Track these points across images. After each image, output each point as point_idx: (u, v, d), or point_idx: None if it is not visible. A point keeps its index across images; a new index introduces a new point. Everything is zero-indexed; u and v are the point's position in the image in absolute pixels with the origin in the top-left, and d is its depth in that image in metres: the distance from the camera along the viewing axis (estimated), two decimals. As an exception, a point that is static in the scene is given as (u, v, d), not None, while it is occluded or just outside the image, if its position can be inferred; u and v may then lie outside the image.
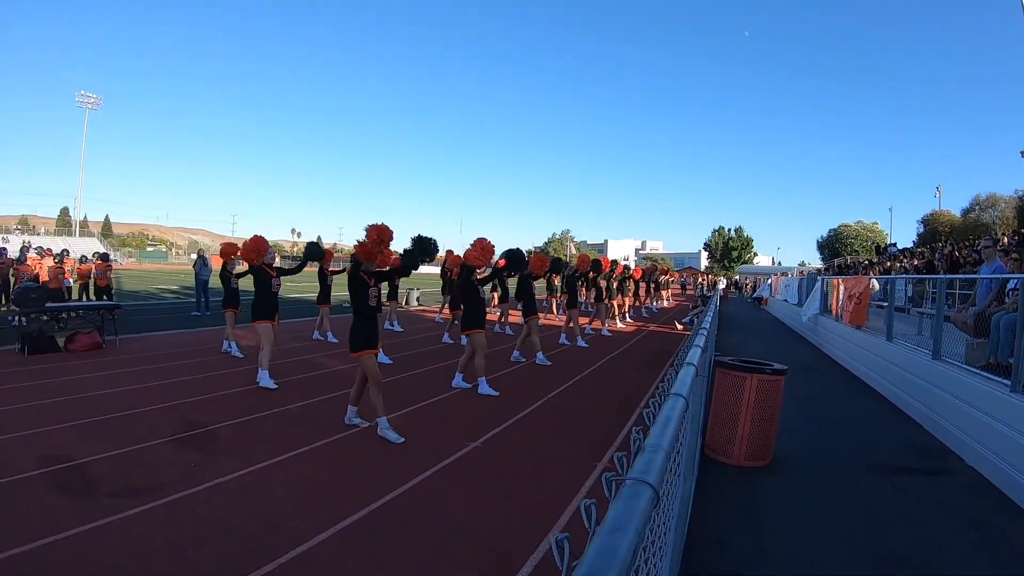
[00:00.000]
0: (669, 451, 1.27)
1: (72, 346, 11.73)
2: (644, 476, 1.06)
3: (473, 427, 7.29)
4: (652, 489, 1.02)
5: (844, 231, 68.52)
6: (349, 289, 6.86)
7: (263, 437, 6.58)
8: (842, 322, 14.58)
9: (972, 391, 6.80)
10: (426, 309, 23.98)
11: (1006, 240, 17.76)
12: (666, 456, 1.21)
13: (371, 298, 6.87)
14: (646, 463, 1.13)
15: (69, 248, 23.96)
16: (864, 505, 5.37)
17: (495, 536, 4.46)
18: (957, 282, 11.03)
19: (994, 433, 6.09)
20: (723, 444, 6.22)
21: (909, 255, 23.75)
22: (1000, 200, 39.28)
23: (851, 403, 9.92)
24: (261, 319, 9.20)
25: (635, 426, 5.79)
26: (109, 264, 19.83)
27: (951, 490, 5.89)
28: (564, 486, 5.49)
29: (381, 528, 4.50)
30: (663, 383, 2.27)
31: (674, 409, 1.59)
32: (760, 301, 39.02)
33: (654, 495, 1.02)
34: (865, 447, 7.29)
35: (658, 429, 1.40)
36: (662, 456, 1.19)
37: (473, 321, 9.34)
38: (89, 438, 6.30)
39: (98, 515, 4.45)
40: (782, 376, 6.30)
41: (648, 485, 1.03)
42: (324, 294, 14.11)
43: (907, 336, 10.49)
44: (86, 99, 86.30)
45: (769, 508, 5.23)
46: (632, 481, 1.04)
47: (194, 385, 8.93)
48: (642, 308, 27.63)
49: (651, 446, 1.24)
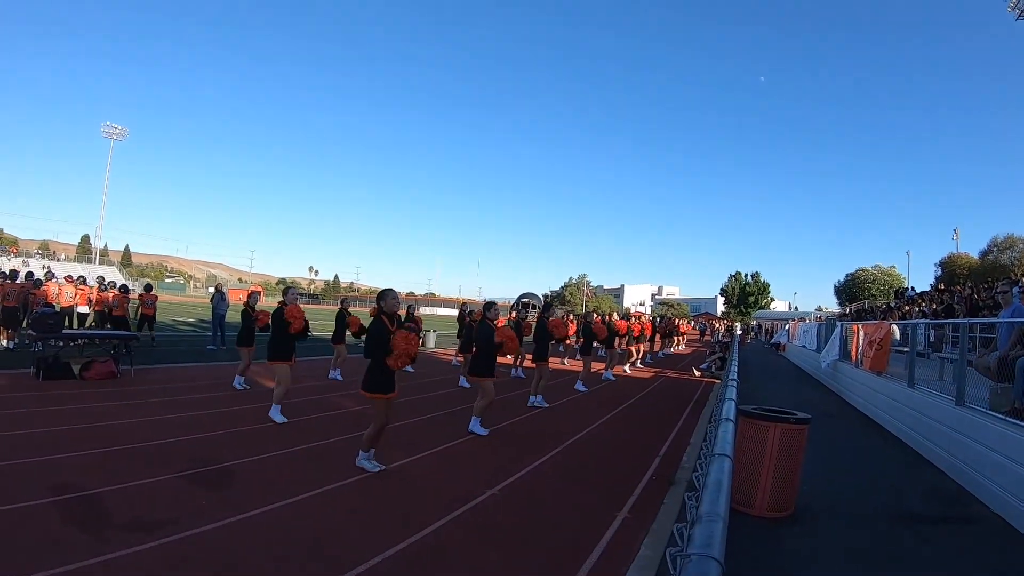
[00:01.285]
0: (726, 519, 1.24)
1: (87, 374, 11.72)
2: (708, 551, 1.04)
3: (491, 473, 7.20)
4: (719, 564, 1.00)
5: (861, 275, 68.11)
6: (368, 330, 6.86)
7: (277, 476, 6.53)
8: (862, 368, 14.42)
9: (997, 437, 6.66)
10: (441, 351, 23.95)
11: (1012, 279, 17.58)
12: (724, 525, 1.19)
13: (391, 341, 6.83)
14: (707, 535, 1.11)
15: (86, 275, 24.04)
16: (889, 556, 5.24)
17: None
18: (978, 326, 10.93)
19: (1020, 479, 5.97)
20: (745, 494, 6.09)
21: (928, 299, 23.57)
22: (1018, 241, 38.99)
23: (873, 450, 9.77)
24: (278, 359, 9.20)
25: (654, 476, 5.75)
26: (127, 296, 19.87)
27: (977, 539, 5.77)
28: (583, 538, 5.40)
29: (396, 575, 4.43)
30: (705, 442, 2.24)
31: (723, 471, 1.57)
32: (778, 347, 38.72)
33: (720, 570, 1.00)
34: (888, 496, 7.16)
35: (711, 495, 1.37)
36: (721, 526, 1.17)
37: (481, 368, 9.36)
38: (101, 469, 6.28)
39: (107, 549, 4.40)
40: (806, 425, 6.19)
41: (715, 561, 1.00)
42: (340, 333, 14.23)
43: (929, 382, 10.36)
44: (112, 130, 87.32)
45: (793, 561, 5.11)
46: (697, 557, 1.01)
47: (208, 420, 8.90)
48: (659, 352, 27.79)
49: (708, 515, 1.22)
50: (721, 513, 1.20)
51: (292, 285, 14.82)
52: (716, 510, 1.21)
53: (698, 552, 1.00)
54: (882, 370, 12.93)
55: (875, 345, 13.28)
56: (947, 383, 9.56)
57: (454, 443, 8.67)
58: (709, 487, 1.40)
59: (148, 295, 19.87)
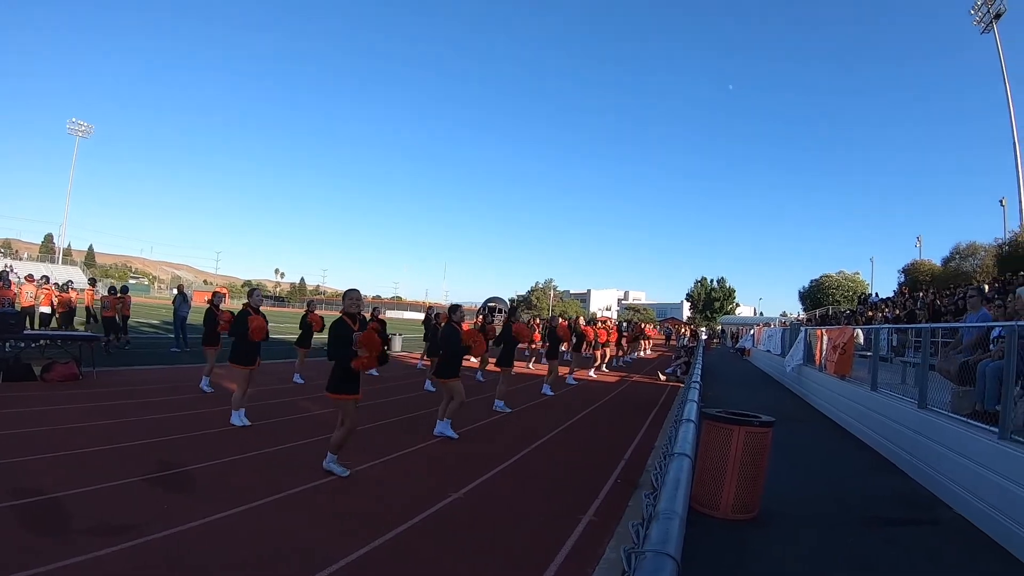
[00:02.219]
0: (684, 516, 1.21)
1: (48, 376, 11.46)
2: (663, 548, 1.01)
3: (455, 477, 7.15)
4: (673, 562, 0.97)
5: (826, 281, 68.80)
6: (330, 332, 6.75)
7: (239, 480, 6.41)
8: (826, 372, 14.59)
9: (959, 439, 6.77)
10: (407, 355, 23.88)
11: (987, 288, 17.92)
12: (681, 523, 1.16)
13: (355, 342, 6.73)
14: (663, 532, 1.08)
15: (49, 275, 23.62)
16: (854, 558, 5.27)
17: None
18: (940, 331, 11.08)
19: (982, 481, 6.05)
20: (709, 497, 6.11)
21: (891, 304, 23.91)
22: (980, 248, 39.57)
23: (837, 453, 9.87)
24: (240, 364, 9.08)
25: (619, 478, 5.75)
26: (120, 298, 19.43)
27: (941, 540, 5.83)
28: (548, 540, 5.38)
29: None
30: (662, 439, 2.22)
31: (682, 470, 1.55)
32: (743, 352, 39.03)
33: (676, 567, 0.97)
34: (852, 498, 7.22)
35: (668, 492, 1.35)
36: (678, 523, 1.14)
37: (447, 370, 9.33)
38: (61, 472, 6.13)
39: (69, 554, 4.30)
40: (769, 428, 6.23)
41: (669, 558, 0.98)
42: (305, 337, 14.31)
43: (892, 385, 10.49)
44: (77, 127, 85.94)
45: (758, 564, 5.13)
46: (653, 554, 0.98)
47: (170, 423, 8.73)
48: (623, 358, 27.83)
49: (665, 512, 1.19)
50: (678, 511, 1.17)
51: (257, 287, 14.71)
52: (673, 508, 1.19)
53: (654, 549, 0.97)
54: (846, 374, 13.09)
55: (839, 349, 13.43)
56: (909, 386, 9.68)
57: (419, 447, 8.61)
58: (667, 485, 1.38)
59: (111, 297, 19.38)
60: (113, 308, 18.39)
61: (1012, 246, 32.04)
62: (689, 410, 2.46)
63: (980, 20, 41.04)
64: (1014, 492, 5.44)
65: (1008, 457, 5.65)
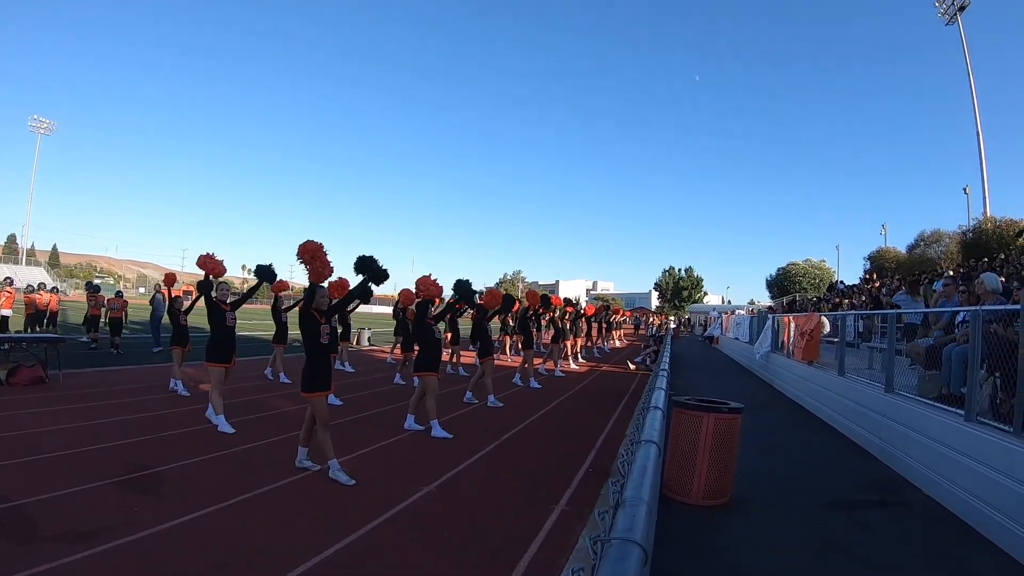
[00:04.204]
0: (651, 503, 1.20)
1: (13, 380, 11.22)
2: (629, 535, 0.99)
3: (427, 471, 7.12)
4: (640, 548, 0.95)
5: (793, 269, 69.52)
6: (300, 327, 6.67)
7: (210, 480, 6.33)
8: (794, 358, 14.75)
9: (926, 422, 6.91)
10: (377, 349, 23.80)
11: (952, 274, 18.19)
12: (648, 510, 1.14)
13: (323, 336, 6.67)
14: (630, 520, 1.06)
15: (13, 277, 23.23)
16: (826, 542, 5.35)
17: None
18: (904, 317, 11.22)
19: (950, 462, 6.19)
20: (681, 483, 6.16)
21: (857, 292, 24.19)
22: (944, 236, 40.20)
23: (806, 439, 10.00)
24: (215, 362, 8.80)
25: (590, 468, 5.76)
26: (125, 300, 20.25)
27: (911, 522, 5.96)
28: (521, 531, 5.38)
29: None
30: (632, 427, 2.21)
31: (648, 457, 1.54)
32: (712, 340, 39.36)
33: (643, 554, 0.95)
34: (822, 482, 7.33)
35: (635, 480, 1.33)
36: (644, 510, 1.12)
37: (426, 363, 9.25)
38: (28, 478, 5.99)
39: (38, 560, 4.21)
40: (739, 414, 6.31)
41: (635, 544, 0.96)
42: (280, 333, 13.87)
43: (859, 370, 10.63)
44: (39, 124, 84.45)
45: (730, 549, 5.17)
46: (619, 541, 0.96)
47: (139, 424, 8.58)
48: (594, 348, 27.75)
49: (631, 500, 1.17)
50: (645, 498, 1.16)
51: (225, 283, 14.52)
52: (640, 495, 1.17)
53: (620, 536, 0.95)
54: (813, 359, 13.24)
55: (806, 336, 13.59)
56: (876, 371, 9.80)
57: (390, 441, 8.57)
58: (634, 473, 1.36)
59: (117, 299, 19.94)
60: (122, 309, 19.25)
61: (976, 233, 32.62)
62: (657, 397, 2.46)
63: (945, 12, 41.63)
64: (981, 473, 5.55)
65: (974, 439, 5.77)
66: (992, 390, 6.19)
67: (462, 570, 4.61)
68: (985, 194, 37.24)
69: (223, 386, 8.92)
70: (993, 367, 6.13)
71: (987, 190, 37.34)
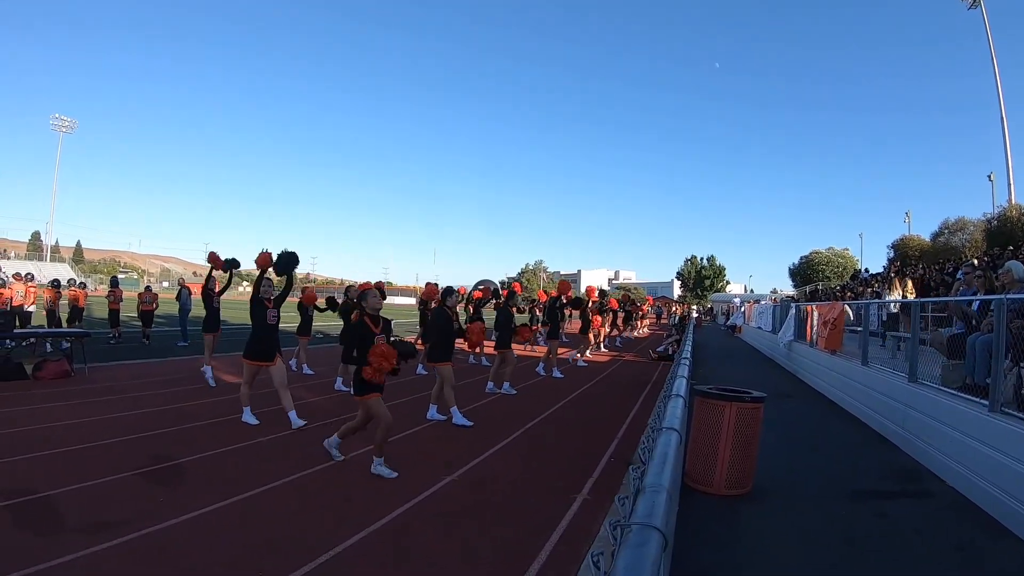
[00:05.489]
0: (671, 490, 1.22)
1: (40, 374, 11.45)
2: (649, 520, 1.01)
3: (449, 460, 7.18)
4: (660, 533, 0.98)
5: (816, 257, 68.92)
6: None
7: (233, 471, 6.43)
8: (817, 348, 14.66)
9: (950, 412, 6.84)
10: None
11: (976, 262, 18.02)
12: (668, 496, 1.17)
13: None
14: (649, 505, 1.09)
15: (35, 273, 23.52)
16: (846, 532, 5.33)
17: (473, 575, 4.37)
18: (930, 305, 11.13)
19: (973, 453, 6.13)
20: (703, 473, 6.16)
21: (881, 280, 24.01)
22: (969, 223, 39.71)
23: (828, 428, 9.94)
24: (250, 359, 8.65)
25: (612, 457, 5.77)
26: (155, 294, 21.51)
27: (932, 512, 5.90)
28: (543, 520, 5.41)
29: (355, 566, 4.39)
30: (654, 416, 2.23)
31: (669, 444, 1.56)
32: (734, 329, 39.15)
33: (662, 539, 0.97)
34: (844, 472, 7.29)
35: (656, 467, 1.35)
36: (664, 496, 1.15)
37: (440, 353, 9.33)
38: (54, 470, 6.12)
39: (63, 551, 4.29)
40: (761, 404, 6.28)
41: (655, 530, 0.98)
42: (304, 325, 14.03)
43: (882, 360, 10.56)
44: (60, 122, 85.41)
45: (751, 539, 5.18)
46: (639, 526, 0.99)
47: (163, 416, 8.72)
48: (617, 338, 27.64)
49: (652, 486, 1.20)
50: (665, 484, 1.18)
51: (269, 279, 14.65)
52: (660, 481, 1.20)
53: (640, 522, 0.98)
54: (837, 349, 13.16)
55: (829, 325, 13.50)
56: (900, 361, 9.74)
57: (413, 430, 8.63)
58: (655, 459, 1.39)
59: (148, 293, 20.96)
60: (153, 302, 20.43)
61: (1001, 221, 32.22)
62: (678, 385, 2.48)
63: (966, -4, 41.04)
64: (1004, 464, 5.50)
65: (998, 429, 5.71)
66: (1017, 380, 6.13)
67: (483, 557, 4.64)
68: (1010, 181, 36.79)
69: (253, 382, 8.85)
70: (1018, 357, 6.07)
71: (1012, 177, 36.88)
